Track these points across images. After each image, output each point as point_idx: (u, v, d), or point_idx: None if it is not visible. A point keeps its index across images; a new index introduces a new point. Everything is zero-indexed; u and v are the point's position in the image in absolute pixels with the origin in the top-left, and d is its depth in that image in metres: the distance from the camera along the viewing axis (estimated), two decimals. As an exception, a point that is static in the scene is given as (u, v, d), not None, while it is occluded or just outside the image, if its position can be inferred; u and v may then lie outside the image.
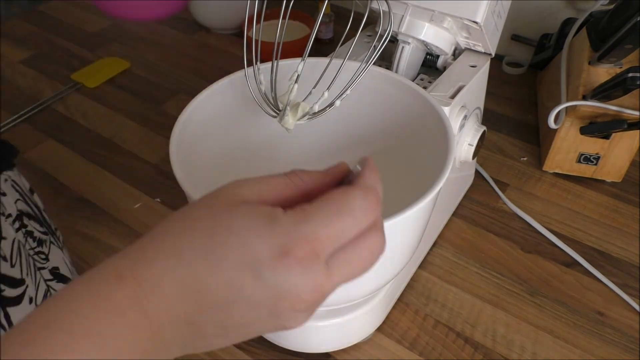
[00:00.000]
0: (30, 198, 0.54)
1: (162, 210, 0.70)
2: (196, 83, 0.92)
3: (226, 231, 0.24)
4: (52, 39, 1.04)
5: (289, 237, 0.24)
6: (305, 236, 0.24)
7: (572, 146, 0.71)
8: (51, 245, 0.54)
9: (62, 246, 0.57)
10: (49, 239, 0.54)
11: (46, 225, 0.55)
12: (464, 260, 0.64)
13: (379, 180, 0.28)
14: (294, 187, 0.28)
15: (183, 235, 0.25)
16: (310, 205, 0.26)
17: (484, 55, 0.60)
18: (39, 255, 0.51)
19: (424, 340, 0.56)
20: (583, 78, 0.69)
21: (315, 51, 0.47)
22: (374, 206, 0.27)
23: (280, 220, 0.25)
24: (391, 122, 0.55)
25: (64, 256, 0.56)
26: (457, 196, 0.70)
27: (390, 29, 0.49)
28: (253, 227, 0.24)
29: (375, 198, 0.27)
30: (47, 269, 0.52)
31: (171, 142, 0.46)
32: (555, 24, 0.86)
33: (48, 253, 0.53)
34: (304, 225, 0.25)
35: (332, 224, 0.25)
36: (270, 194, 0.27)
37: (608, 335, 0.57)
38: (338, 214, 0.25)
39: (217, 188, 0.27)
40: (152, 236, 0.26)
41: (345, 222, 0.25)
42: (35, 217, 0.53)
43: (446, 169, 0.42)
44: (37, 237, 0.52)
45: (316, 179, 0.29)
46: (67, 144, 0.80)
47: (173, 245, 0.25)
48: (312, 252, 0.24)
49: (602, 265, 0.63)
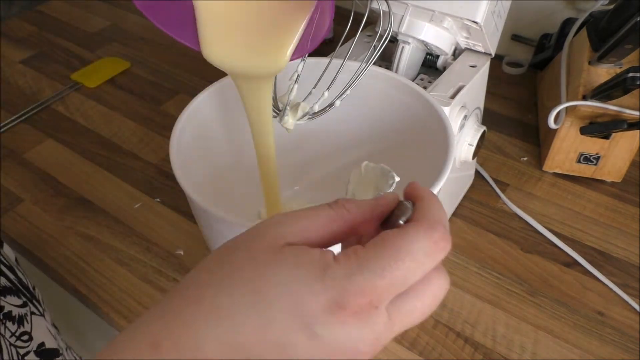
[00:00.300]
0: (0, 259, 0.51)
1: (162, 210, 0.70)
2: (196, 83, 0.92)
3: (273, 284, 0.22)
4: (52, 39, 1.04)
5: (344, 289, 0.22)
6: (361, 288, 0.22)
7: (572, 146, 0.71)
8: (32, 316, 0.51)
9: (43, 309, 0.55)
10: (28, 310, 0.51)
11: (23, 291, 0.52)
12: (464, 260, 0.64)
13: (443, 210, 0.25)
14: (340, 220, 0.25)
15: (222, 289, 0.22)
16: (365, 249, 0.23)
17: (484, 55, 0.60)
18: (21, 339, 0.48)
19: (423, 340, 0.56)
20: (583, 78, 0.69)
21: (315, 51, 0.47)
22: (441, 247, 0.23)
23: (333, 271, 0.22)
24: (391, 122, 0.55)
25: (46, 322, 0.54)
26: (457, 196, 0.70)
27: (390, 29, 0.49)
28: (303, 279, 0.22)
29: (444, 236, 0.23)
30: (32, 351, 0.50)
31: (171, 142, 0.46)
32: (555, 24, 0.86)
33: (31, 330, 0.50)
34: (359, 276, 0.22)
35: (392, 272, 0.22)
36: (315, 229, 0.25)
37: (608, 335, 0.57)
38: (397, 261, 0.22)
39: (255, 226, 0.25)
40: (185, 291, 0.23)
41: (407, 269, 0.22)
42: (10, 288, 0.50)
43: (446, 169, 0.42)
44: (16, 315, 0.49)
45: (365, 210, 0.26)
46: (67, 144, 0.80)
47: (213, 303, 0.22)
48: (369, 304, 0.22)
49: (602, 265, 0.63)
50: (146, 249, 0.65)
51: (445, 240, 0.23)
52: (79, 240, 0.66)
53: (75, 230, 0.67)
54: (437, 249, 0.23)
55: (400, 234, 0.23)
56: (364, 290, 0.22)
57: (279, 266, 0.22)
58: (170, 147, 0.45)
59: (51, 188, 0.73)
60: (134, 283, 0.61)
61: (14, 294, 0.50)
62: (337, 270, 0.22)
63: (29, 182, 0.74)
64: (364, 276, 0.22)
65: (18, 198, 0.71)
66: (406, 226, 0.24)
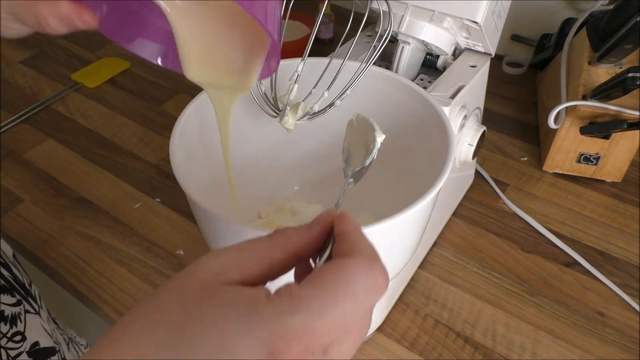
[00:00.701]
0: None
1: (162, 210, 0.70)
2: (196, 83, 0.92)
3: (199, 324, 0.20)
4: (52, 39, 1.04)
5: (275, 333, 0.20)
6: (294, 331, 0.20)
7: (572, 146, 0.71)
8: (27, 314, 0.51)
9: (39, 306, 0.54)
10: (22, 308, 0.51)
11: (17, 289, 0.51)
12: (463, 260, 0.64)
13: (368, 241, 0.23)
14: (279, 248, 0.24)
15: (146, 328, 0.21)
16: (300, 287, 0.21)
17: (484, 55, 0.60)
18: (13, 340, 0.48)
19: (424, 340, 0.56)
20: (583, 78, 0.69)
21: (315, 51, 0.47)
22: (380, 283, 0.21)
23: (263, 311, 0.20)
24: (391, 122, 0.55)
25: (41, 320, 0.53)
26: (457, 196, 0.70)
27: (390, 29, 0.49)
28: (231, 318, 0.20)
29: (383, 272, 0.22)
30: (25, 351, 0.49)
31: (171, 142, 0.46)
32: (555, 24, 0.86)
33: (24, 329, 0.50)
34: (292, 316, 0.20)
35: (330, 313, 0.20)
36: (254, 262, 0.23)
37: (608, 335, 0.57)
38: (336, 301, 0.20)
39: (192, 264, 0.23)
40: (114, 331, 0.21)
41: (346, 309, 0.20)
42: (3, 287, 0.50)
43: (446, 169, 0.42)
44: (9, 315, 0.48)
45: (305, 236, 0.24)
46: (67, 144, 0.80)
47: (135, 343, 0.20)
48: (305, 350, 0.20)
49: (602, 265, 0.63)
50: (146, 249, 0.65)
51: (384, 277, 0.22)
52: (79, 240, 0.66)
53: (75, 230, 0.67)
54: (377, 286, 0.21)
55: (340, 270, 0.21)
56: (298, 333, 0.20)
57: (208, 306, 0.21)
58: (170, 147, 0.45)
59: (51, 188, 0.73)
60: (134, 283, 0.61)
61: (7, 292, 0.50)
62: (268, 309, 0.20)
63: (29, 182, 0.74)
64: (299, 316, 0.20)
65: (18, 198, 0.71)
66: (344, 261, 0.22)
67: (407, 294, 0.60)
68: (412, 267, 0.62)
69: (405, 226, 0.42)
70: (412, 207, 0.39)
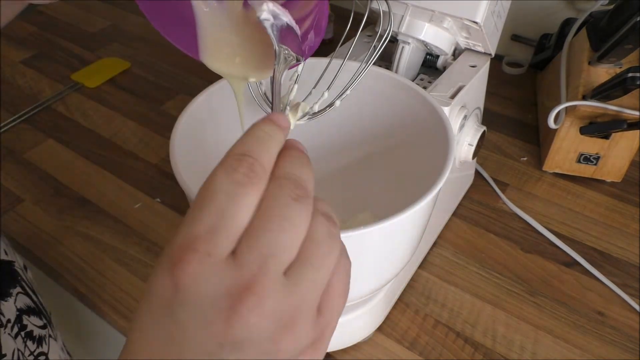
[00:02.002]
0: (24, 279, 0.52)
1: (162, 210, 0.70)
2: (196, 83, 0.92)
3: None
4: (52, 39, 1.04)
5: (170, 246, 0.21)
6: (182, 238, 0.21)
7: (572, 146, 0.71)
8: (50, 339, 0.52)
9: (56, 334, 0.56)
10: (47, 332, 0.52)
11: (44, 313, 0.53)
12: (464, 260, 0.64)
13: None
14: None
15: None
16: None
17: (484, 55, 0.60)
18: (39, 358, 0.50)
19: (423, 340, 0.56)
20: (583, 78, 0.69)
21: (315, 51, 0.47)
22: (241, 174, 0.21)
23: None
24: (391, 122, 0.55)
25: (58, 345, 0.55)
26: (457, 196, 0.70)
27: (390, 29, 0.49)
28: None
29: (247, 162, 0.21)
30: None
31: (171, 142, 0.46)
32: (555, 24, 0.86)
33: (47, 352, 0.51)
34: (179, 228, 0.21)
35: None
36: None
37: (608, 335, 0.57)
38: None
39: None
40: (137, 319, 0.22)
41: None
42: (33, 309, 0.51)
43: (446, 169, 0.42)
44: (37, 336, 0.50)
45: None
46: (67, 144, 0.80)
47: None
48: None
49: (602, 265, 0.63)
50: (146, 249, 0.65)
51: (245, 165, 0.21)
52: (79, 240, 0.66)
53: (75, 230, 0.67)
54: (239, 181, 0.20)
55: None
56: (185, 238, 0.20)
57: None
58: (170, 147, 0.45)
59: (51, 188, 0.73)
60: (134, 283, 0.61)
61: (36, 315, 0.51)
62: None
63: (29, 182, 0.74)
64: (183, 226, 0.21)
65: (18, 198, 0.72)
66: None
67: (407, 294, 0.60)
68: (412, 267, 0.62)
69: (405, 226, 0.42)
70: (412, 207, 0.39)
